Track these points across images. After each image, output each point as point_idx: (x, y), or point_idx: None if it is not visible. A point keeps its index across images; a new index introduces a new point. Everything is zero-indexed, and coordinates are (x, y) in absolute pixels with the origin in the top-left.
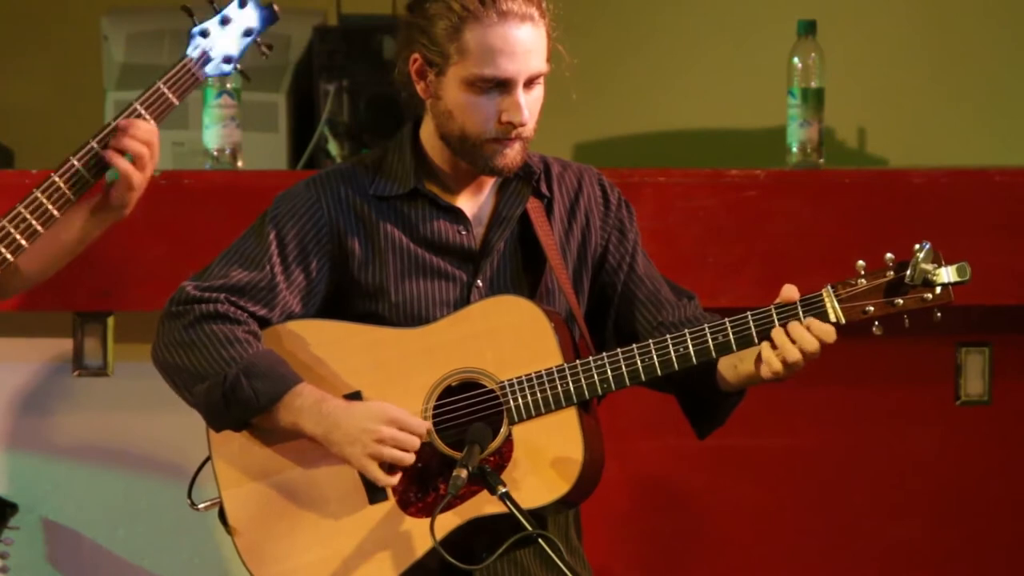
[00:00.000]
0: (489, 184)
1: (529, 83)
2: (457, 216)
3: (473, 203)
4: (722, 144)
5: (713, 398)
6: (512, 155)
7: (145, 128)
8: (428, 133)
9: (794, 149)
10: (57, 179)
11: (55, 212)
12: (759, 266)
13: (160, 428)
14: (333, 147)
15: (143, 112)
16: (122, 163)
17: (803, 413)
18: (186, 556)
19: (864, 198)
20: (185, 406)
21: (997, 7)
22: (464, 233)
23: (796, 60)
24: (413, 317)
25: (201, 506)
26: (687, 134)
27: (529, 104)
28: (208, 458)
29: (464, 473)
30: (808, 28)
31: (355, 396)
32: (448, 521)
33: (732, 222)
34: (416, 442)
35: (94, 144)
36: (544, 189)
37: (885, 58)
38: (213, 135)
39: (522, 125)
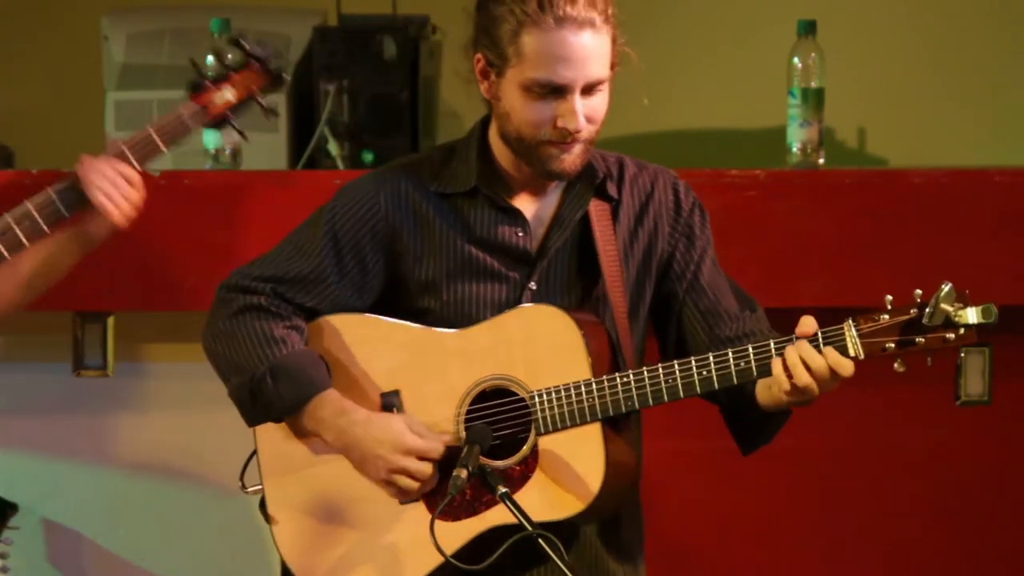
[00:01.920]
0: (553, 184)
1: (589, 89)
2: (515, 217)
3: (534, 204)
4: (722, 144)
5: (755, 417)
6: (570, 160)
7: (107, 171)
8: (494, 131)
9: (794, 149)
10: (31, 208)
11: (25, 241)
12: (759, 266)
13: (160, 428)
14: (333, 147)
15: (128, 153)
16: (98, 196)
17: (803, 413)
18: (186, 556)
19: (864, 198)
20: (184, 406)
21: (997, 7)
22: (521, 235)
23: (796, 60)
24: (463, 316)
25: (251, 489)
26: (687, 134)
27: (588, 109)
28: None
29: (464, 473)
30: (808, 28)
31: (393, 394)
32: (468, 528)
33: (732, 222)
34: (430, 470)
35: (52, 193)
36: (612, 191)
37: (885, 58)
38: (213, 135)
39: (577, 132)
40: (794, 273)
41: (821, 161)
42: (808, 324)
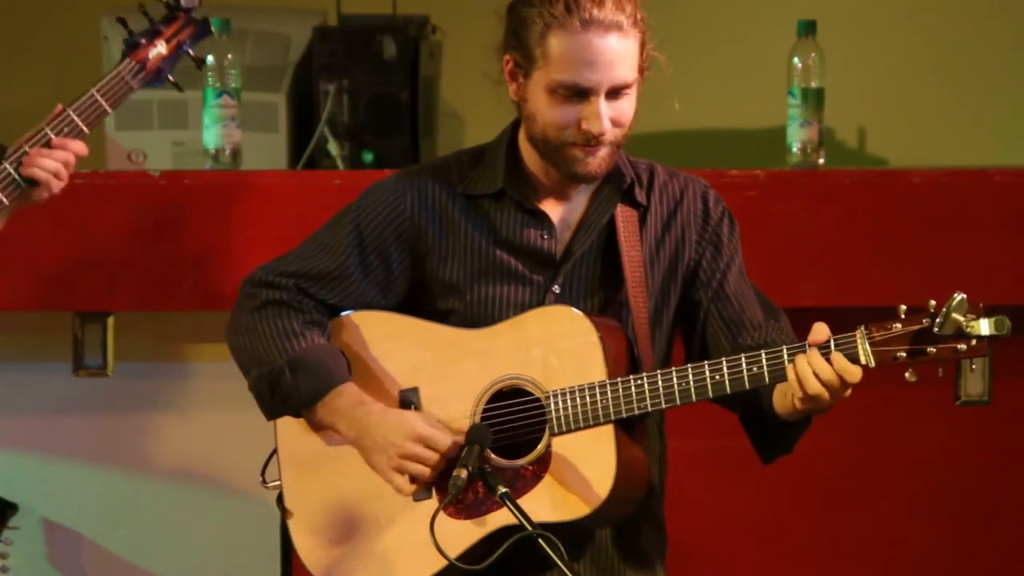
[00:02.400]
0: (580, 189)
1: (615, 93)
2: (541, 220)
3: (561, 208)
4: (722, 144)
5: (773, 426)
6: (595, 163)
7: (60, 154)
8: (522, 135)
9: (794, 149)
10: None
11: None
12: (759, 266)
13: (160, 428)
14: (333, 147)
15: (75, 118)
16: (42, 175)
17: None
18: (186, 556)
19: (864, 198)
20: (183, 407)
21: (997, 7)
22: (546, 238)
23: (796, 60)
24: (486, 318)
25: (271, 485)
26: (687, 134)
27: (615, 114)
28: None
29: (464, 473)
30: (808, 28)
31: (412, 391)
32: (479, 527)
33: None
34: (436, 459)
35: (7, 166)
36: (641, 198)
37: (885, 58)
38: (213, 135)
39: (601, 135)
40: (794, 273)
41: (821, 161)
42: (820, 331)
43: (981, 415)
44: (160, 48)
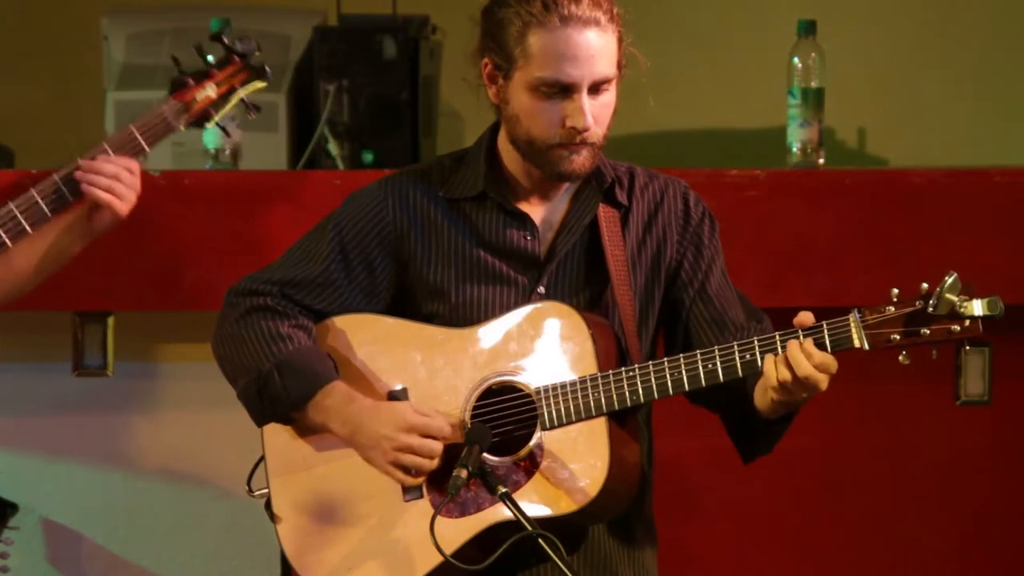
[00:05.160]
0: (562, 190)
1: (596, 88)
2: (524, 222)
3: (543, 209)
4: (722, 144)
5: (755, 424)
6: (580, 161)
7: (108, 168)
8: (502, 138)
9: (794, 149)
10: (36, 195)
11: (27, 228)
12: (759, 266)
13: (160, 428)
14: (333, 147)
15: (109, 151)
16: (102, 195)
17: (802, 413)
18: (186, 556)
19: (864, 198)
20: (184, 406)
21: (997, 7)
22: (529, 239)
23: (796, 60)
24: (471, 319)
25: (257, 493)
26: (687, 134)
27: (596, 110)
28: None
29: (464, 473)
30: (808, 28)
31: (401, 392)
32: (473, 525)
33: (732, 222)
34: (437, 448)
35: (57, 179)
36: (622, 198)
37: (885, 58)
38: (213, 135)
39: (586, 130)
40: (794, 273)
41: (821, 161)
42: (803, 317)
43: (981, 415)
44: (208, 91)
